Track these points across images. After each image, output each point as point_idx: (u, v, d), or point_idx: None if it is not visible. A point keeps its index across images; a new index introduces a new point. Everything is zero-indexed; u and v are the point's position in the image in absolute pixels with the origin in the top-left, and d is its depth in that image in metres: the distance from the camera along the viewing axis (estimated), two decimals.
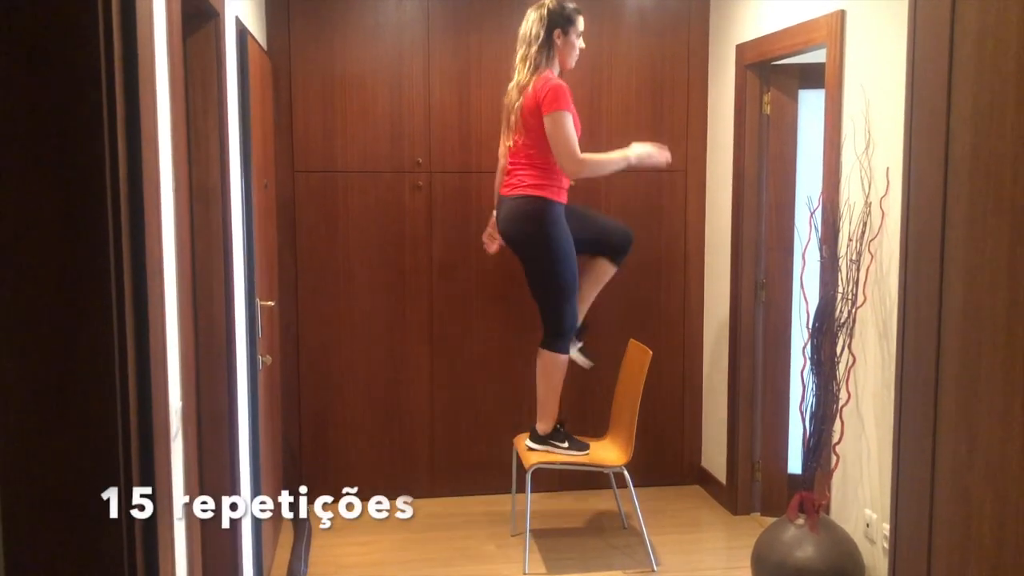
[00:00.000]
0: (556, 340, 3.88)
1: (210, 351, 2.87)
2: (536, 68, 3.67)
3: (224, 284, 2.87)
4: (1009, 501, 1.04)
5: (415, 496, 4.60)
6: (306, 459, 4.54)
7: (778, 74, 4.20)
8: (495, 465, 4.50)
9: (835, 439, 3.39)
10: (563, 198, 3.79)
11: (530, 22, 3.72)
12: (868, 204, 3.26)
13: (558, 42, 3.70)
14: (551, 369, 3.91)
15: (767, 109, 4.23)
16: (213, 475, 2.91)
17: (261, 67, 3.70)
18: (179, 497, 2.19)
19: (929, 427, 1.15)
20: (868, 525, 3.37)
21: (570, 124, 3.60)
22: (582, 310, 4.01)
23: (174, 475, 1.88)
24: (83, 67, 1.10)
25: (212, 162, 2.83)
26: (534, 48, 3.68)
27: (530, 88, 3.65)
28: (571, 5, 3.74)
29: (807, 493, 3.33)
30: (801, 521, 3.30)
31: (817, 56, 3.78)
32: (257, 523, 3.37)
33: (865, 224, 3.26)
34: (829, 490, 3.53)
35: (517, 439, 4.14)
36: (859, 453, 3.41)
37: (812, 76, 4.09)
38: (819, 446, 3.37)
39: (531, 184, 3.73)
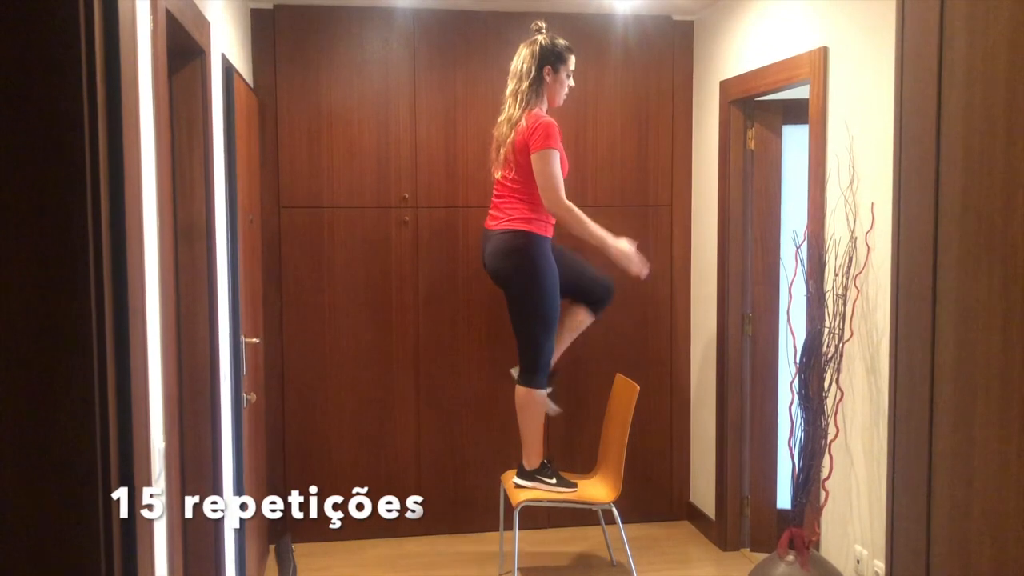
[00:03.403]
0: (533, 376, 3.84)
1: (194, 389, 2.84)
2: (527, 104, 3.69)
3: (209, 321, 2.85)
4: (1008, 546, 1.02)
5: (402, 535, 4.57)
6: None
7: (762, 110, 4.23)
8: (482, 502, 4.45)
9: (824, 474, 3.38)
10: (549, 232, 3.79)
11: (521, 57, 3.74)
12: (853, 239, 3.27)
13: (548, 79, 3.72)
14: (530, 405, 3.87)
15: (751, 144, 4.26)
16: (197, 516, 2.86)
17: (247, 104, 3.70)
18: (161, 539, 2.15)
19: (924, 472, 1.14)
20: (859, 561, 3.34)
21: (557, 163, 3.62)
22: (556, 355, 3.96)
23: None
24: (64, 107, 1.09)
25: (197, 198, 2.82)
26: (525, 83, 3.70)
27: (522, 123, 3.66)
28: (563, 43, 3.77)
29: (797, 529, 3.30)
30: (791, 557, 3.27)
31: (801, 92, 3.81)
32: (241, 560, 3.31)
33: (851, 259, 3.27)
34: (819, 526, 3.51)
35: (504, 476, 4.10)
36: (848, 488, 3.39)
37: (796, 112, 4.12)
38: (808, 481, 3.35)
39: (517, 218, 3.73)
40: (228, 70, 3.23)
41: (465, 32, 4.46)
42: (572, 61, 3.79)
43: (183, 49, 2.71)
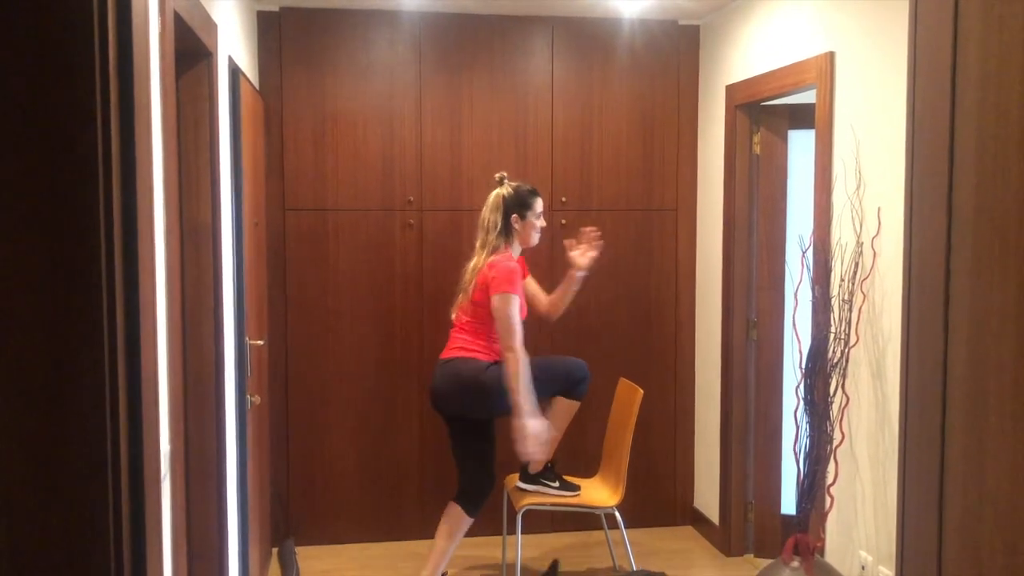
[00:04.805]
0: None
1: (199, 391, 2.84)
2: (494, 251, 3.73)
3: (214, 323, 2.85)
4: (1020, 553, 1.02)
5: (405, 538, 4.56)
6: (294, 500, 4.48)
7: (768, 114, 4.23)
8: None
9: (829, 480, 3.37)
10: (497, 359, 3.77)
11: (488, 209, 3.79)
12: (860, 244, 3.27)
13: (516, 226, 3.76)
14: (569, 414, 3.87)
15: (757, 149, 4.26)
16: (200, 518, 2.87)
17: (253, 106, 3.70)
18: (167, 542, 2.15)
19: (936, 479, 1.13)
20: (864, 568, 3.33)
21: (516, 307, 3.63)
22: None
23: (162, 518, 1.84)
24: (79, 108, 1.09)
25: (203, 200, 2.83)
26: (492, 235, 3.75)
27: (483, 268, 3.70)
28: (527, 188, 3.82)
29: (802, 535, 3.29)
30: (796, 563, 3.26)
31: (807, 96, 3.81)
32: (244, 563, 3.31)
33: (857, 264, 3.26)
34: (823, 531, 3.50)
35: (507, 479, 4.10)
36: (853, 494, 3.39)
37: (802, 116, 4.12)
38: (813, 487, 3.34)
39: (466, 348, 3.74)
40: (234, 72, 3.23)
41: (471, 35, 4.46)
42: (539, 204, 3.81)
43: (190, 51, 2.71)
